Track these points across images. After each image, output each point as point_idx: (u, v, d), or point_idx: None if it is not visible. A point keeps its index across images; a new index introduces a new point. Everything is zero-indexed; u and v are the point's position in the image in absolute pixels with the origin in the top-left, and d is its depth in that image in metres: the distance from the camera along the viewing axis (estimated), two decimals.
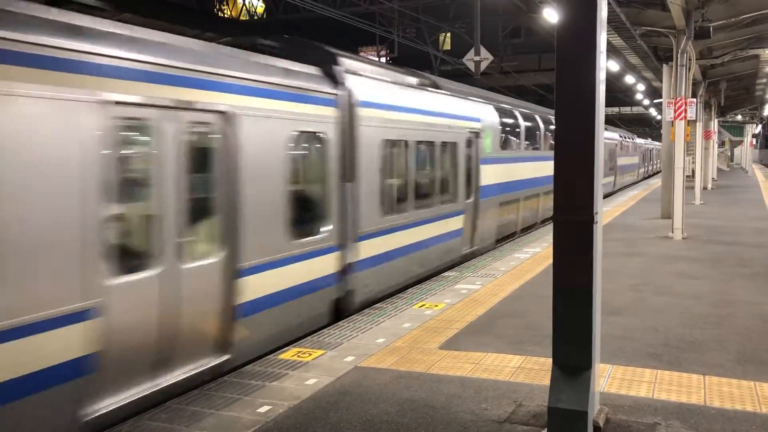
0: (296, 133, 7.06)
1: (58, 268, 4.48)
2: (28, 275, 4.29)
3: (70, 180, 4.56)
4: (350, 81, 8.13)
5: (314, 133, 7.44)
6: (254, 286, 6.35)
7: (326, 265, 7.64)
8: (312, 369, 5.98)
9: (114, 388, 5.01)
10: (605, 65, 4.69)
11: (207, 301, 5.85)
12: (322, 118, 7.53)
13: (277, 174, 6.71)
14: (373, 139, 8.48)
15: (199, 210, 5.80)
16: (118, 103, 4.94)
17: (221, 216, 6.04)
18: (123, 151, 5.17)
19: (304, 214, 7.35)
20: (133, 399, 5.15)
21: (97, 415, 4.82)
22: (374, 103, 8.56)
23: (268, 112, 6.59)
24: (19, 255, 4.24)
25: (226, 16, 32.54)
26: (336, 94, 7.83)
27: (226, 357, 6.05)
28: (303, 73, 7.47)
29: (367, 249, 8.41)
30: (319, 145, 7.58)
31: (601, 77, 4.40)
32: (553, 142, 5.45)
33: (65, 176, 4.53)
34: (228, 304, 6.06)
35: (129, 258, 5.14)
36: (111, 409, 4.95)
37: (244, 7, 32.06)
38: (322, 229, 7.61)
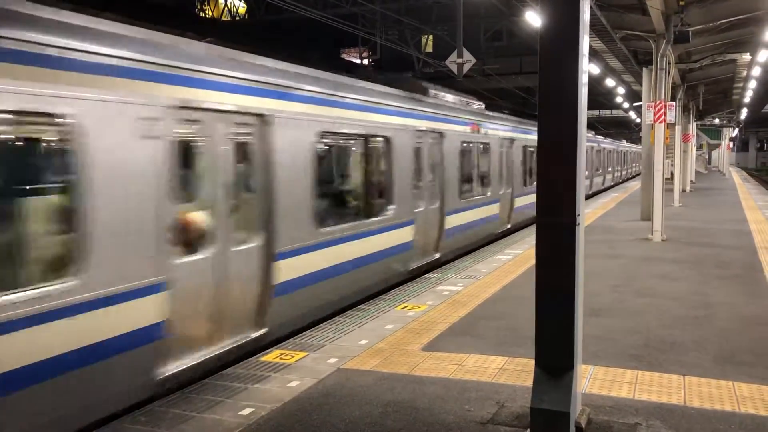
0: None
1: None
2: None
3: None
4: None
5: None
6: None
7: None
8: (295, 371, 5.96)
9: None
10: (587, 68, 4.73)
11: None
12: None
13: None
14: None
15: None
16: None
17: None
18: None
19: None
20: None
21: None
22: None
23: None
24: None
25: (207, 16, 32.36)
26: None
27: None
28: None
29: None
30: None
31: (583, 80, 4.44)
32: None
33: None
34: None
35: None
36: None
37: (226, 8, 31.91)
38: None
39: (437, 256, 11.73)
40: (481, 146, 14.49)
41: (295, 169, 7.35)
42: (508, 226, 16.25)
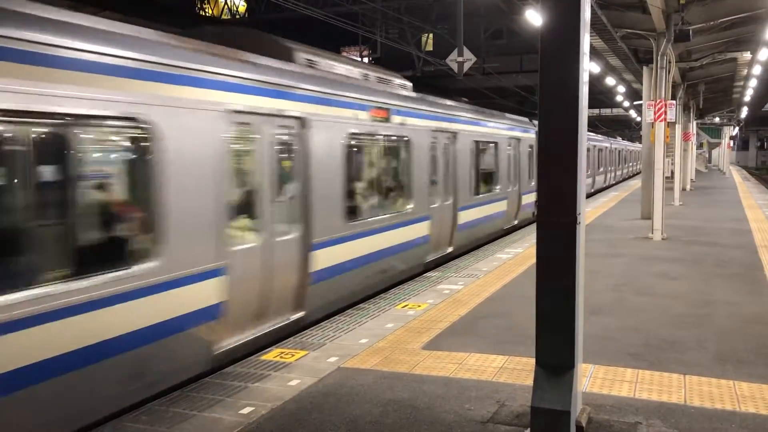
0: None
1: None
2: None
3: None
4: None
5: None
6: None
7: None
8: (295, 370, 5.96)
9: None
10: (588, 67, 4.72)
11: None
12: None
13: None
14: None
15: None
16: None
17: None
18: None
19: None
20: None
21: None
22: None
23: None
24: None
25: (207, 15, 32.34)
26: None
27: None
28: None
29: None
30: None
31: (584, 79, 4.43)
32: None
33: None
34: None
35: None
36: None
37: (226, 6, 31.88)
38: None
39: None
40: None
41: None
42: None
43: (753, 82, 27.34)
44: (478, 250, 12.99)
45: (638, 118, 40.65)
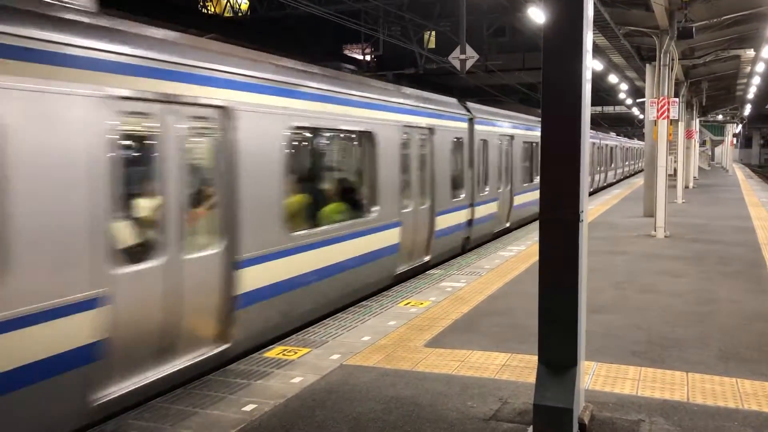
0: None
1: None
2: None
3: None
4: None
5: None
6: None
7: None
8: (297, 367, 5.97)
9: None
10: (591, 64, 4.71)
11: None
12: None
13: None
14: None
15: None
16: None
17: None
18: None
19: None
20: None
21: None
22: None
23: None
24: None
25: (210, 12, 32.33)
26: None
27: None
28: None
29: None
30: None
31: (587, 76, 4.42)
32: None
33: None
34: None
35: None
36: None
37: (228, 4, 31.87)
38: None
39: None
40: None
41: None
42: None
43: (756, 80, 27.29)
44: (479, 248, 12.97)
45: (641, 116, 40.59)
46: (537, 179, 14.04)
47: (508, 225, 15.78)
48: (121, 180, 5.15)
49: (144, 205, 5.63)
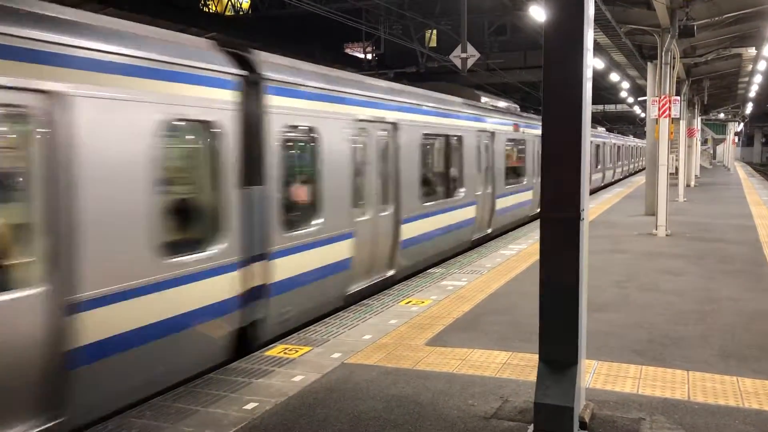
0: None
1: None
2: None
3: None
4: None
5: None
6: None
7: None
8: (299, 365, 5.97)
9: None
10: (592, 63, 4.71)
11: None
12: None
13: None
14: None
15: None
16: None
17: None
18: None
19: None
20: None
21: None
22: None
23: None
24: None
25: (210, 11, 32.34)
26: None
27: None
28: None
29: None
30: None
31: (587, 75, 4.42)
32: None
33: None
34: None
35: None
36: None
37: (230, 3, 31.86)
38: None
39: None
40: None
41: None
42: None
43: (758, 78, 27.28)
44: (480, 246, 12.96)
45: (643, 115, 40.56)
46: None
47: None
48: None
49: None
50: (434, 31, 32.71)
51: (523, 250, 12.03)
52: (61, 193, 4.72)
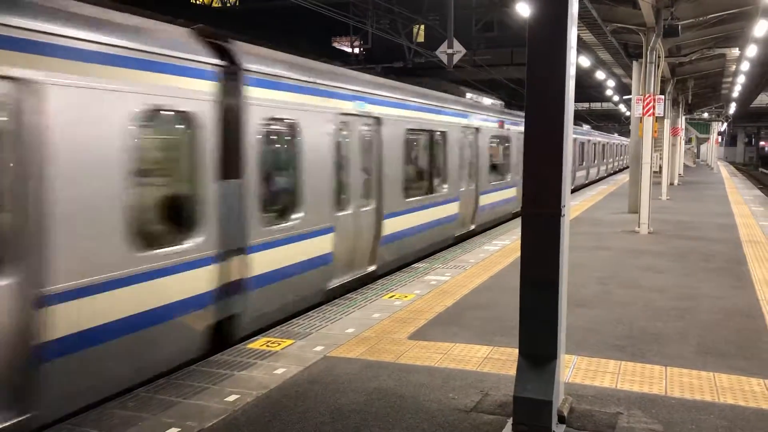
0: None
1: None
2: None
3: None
4: None
5: None
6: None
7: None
8: (281, 358, 5.99)
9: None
10: (575, 61, 4.75)
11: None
12: None
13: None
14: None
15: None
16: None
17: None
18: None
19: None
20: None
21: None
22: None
23: None
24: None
25: (198, 2, 32.14)
26: None
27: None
28: None
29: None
30: None
31: (570, 72, 4.46)
32: None
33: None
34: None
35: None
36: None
37: None
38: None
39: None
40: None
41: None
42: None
43: (741, 78, 27.53)
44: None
45: (628, 113, 40.81)
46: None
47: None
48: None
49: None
50: (422, 27, 32.74)
51: (506, 246, 12.11)
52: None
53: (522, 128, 4.87)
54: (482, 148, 15.13)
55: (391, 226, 10.31)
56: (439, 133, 12.63)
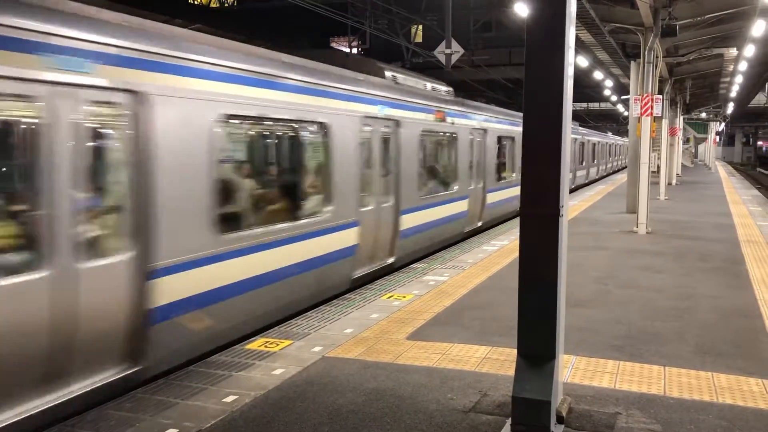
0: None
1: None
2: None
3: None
4: None
5: None
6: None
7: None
8: (279, 359, 5.98)
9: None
10: (573, 61, 4.75)
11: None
12: None
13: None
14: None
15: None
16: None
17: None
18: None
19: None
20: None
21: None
22: None
23: None
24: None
25: (196, 3, 32.12)
26: None
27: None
28: None
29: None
30: None
31: (569, 72, 4.45)
32: None
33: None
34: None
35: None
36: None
37: None
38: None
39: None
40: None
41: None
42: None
43: (739, 78, 27.58)
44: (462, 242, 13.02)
45: (626, 113, 40.83)
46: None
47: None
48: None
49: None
50: (420, 27, 32.73)
51: (504, 246, 12.11)
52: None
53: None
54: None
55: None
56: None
